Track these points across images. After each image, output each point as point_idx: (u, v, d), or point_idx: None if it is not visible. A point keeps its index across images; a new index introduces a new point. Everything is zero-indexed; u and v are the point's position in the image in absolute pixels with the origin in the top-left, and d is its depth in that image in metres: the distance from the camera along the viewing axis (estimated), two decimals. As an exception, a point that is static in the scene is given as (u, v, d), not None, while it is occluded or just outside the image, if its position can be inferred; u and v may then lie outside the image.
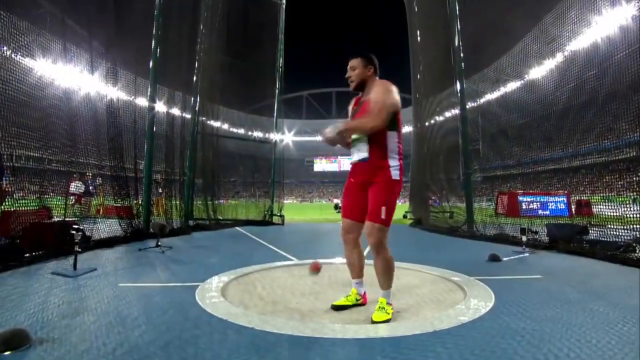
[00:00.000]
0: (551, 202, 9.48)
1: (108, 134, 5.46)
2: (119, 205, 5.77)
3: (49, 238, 4.06)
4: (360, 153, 2.28)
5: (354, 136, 2.30)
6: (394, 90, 2.22)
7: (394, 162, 2.25)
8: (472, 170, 7.40)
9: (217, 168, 10.09)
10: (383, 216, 2.19)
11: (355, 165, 2.35)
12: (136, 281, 3.12)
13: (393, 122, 2.23)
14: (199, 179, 9.19)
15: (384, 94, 2.19)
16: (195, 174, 8.71)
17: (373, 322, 2.16)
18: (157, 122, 6.75)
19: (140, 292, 2.76)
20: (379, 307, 2.26)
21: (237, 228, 8.57)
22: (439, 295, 2.83)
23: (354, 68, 2.33)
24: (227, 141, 11.11)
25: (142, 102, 6.65)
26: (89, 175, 7.83)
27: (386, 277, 2.31)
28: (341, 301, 2.48)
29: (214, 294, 2.72)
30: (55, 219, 4.62)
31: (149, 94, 6.52)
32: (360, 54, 2.35)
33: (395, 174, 2.24)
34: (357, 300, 2.53)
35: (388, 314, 2.22)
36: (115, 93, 5.64)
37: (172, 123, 7.48)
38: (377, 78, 2.37)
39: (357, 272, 2.55)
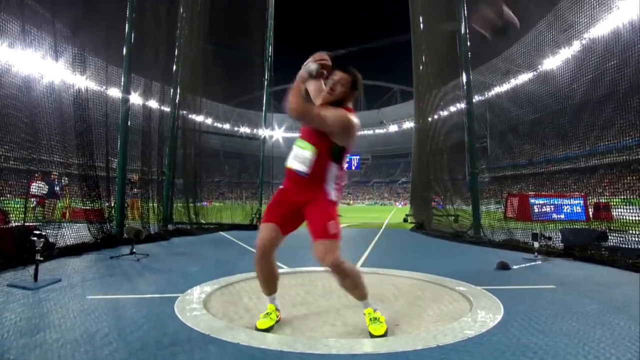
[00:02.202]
0: (566, 205, 9.54)
1: (75, 128, 5.36)
2: (88, 207, 5.69)
3: (5, 246, 3.97)
4: (302, 164, 2.21)
5: (300, 142, 2.27)
6: (355, 126, 2.20)
7: (330, 189, 2.26)
8: (479, 170, 7.44)
9: (200, 167, 10.03)
10: (332, 231, 2.15)
11: (292, 172, 2.26)
12: (107, 293, 3.08)
13: (339, 154, 2.23)
14: (179, 179, 9.15)
15: (341, 118, 2.15)
16: (175, 173, 8.66)
17: (373, 337, 2.18)
18: (131, 116, 6.66)
19: (111, 305, 2.72)
20: (370, 319, 2.26)
21: (222, 233, 8.54)
22: (443, 307, 2.84)
23: (342, 84, 2.23)
24: (210, 137, 11.08)
25: (114, 93, 6.56)
26: (55, 175, 7.72)
27: (358, 289, 2.30)
28: (266, 322, 2.34)
29: (195, 306, 2.71)
30: (13, 224, 4.52)
31: (122, 84, 6.43)
32: (353, 73, 2.28)
33: (332, 194, 2.26)
34: (277, 318, 2.44)
35: (382, 322, 2.25)
36: (83, 82, 5.53)
37: (148, 117, 7.39)
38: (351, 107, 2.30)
39: (276, 285, 2.49)
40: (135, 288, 3.31)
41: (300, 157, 2.23)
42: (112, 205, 6.21)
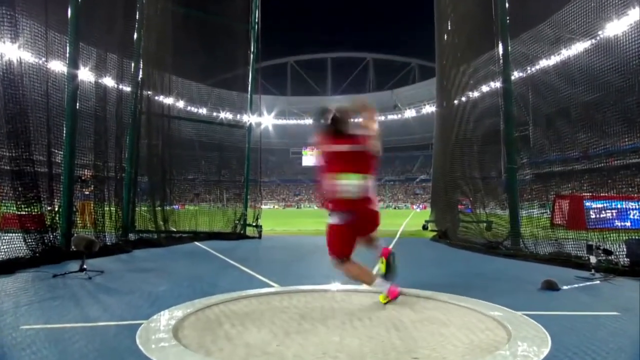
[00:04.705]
0: (633, 209, 9.48)
1: (6, 111, 5.33)
2: (23, 213, 5.63)
3: None
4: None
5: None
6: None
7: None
8: (519, 165, 7.44)
9: (169, 161, 10.10)
10: None
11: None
12: (48, 321, 3.04)
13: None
14: (144, 177, 9.18)
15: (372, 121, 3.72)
16: (138, 169, 8.69)
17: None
18: (81, 97, 6.65)
19: (54, 337, 2.69)
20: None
21: (197, 243, 8.60)
22: (473, 336, 2.82)
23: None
24: (182, 125, 11.06)
25: (57, 66, 6.53)
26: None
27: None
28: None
29: (162, 336, 2.71)
30: None
31: (67, 55, 6.40)
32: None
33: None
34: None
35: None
36: (14, 52, 5.46)
37: (103, 98, 7.39)
38: None
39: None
40: (85, 314, 3.28)
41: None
42: (56, 209, 6.19)
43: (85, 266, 4.79)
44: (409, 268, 6.20)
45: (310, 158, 78.01)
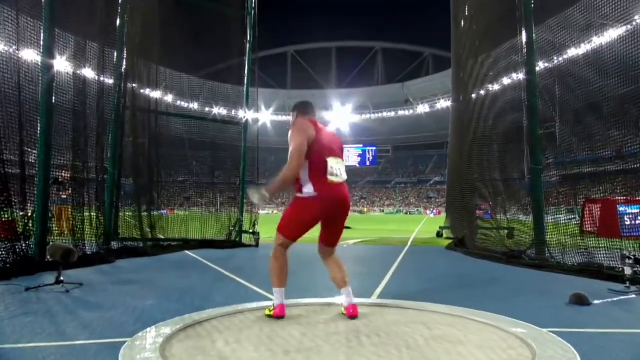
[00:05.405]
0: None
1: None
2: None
3: None
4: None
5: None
6: (297, 128, 3.66)
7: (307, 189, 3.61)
8: (544, 166, 7.42)
9: (157, 162, 10.11)
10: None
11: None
12: (20, 340, 3.03)
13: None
14: (128, 179, 9.18)
15: (291, 140, 3.60)
16: (121, 170, 8.70)
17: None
18: (57, 90, 6.67)
19: (26, 358, 2.69)
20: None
21: (188, 252, 8.61)
22: (494, 355, 2.79)
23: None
24: (172, 121, 11.10)
25: (31, 56, 6.53)
26: None
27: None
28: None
29: (148, 355, 2.69)
30: None
31: (42, 43, 6.41)
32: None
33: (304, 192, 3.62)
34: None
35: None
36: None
37: (83, 91, 7.41)
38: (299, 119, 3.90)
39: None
40: (61, 332, 3.27)
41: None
42: (30, 215, 6.20)
43: (62, 278, 4.78)
44: (422, 279, 6.23)
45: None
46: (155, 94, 10.00)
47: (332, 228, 3.82)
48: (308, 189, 3.59)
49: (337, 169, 3.64)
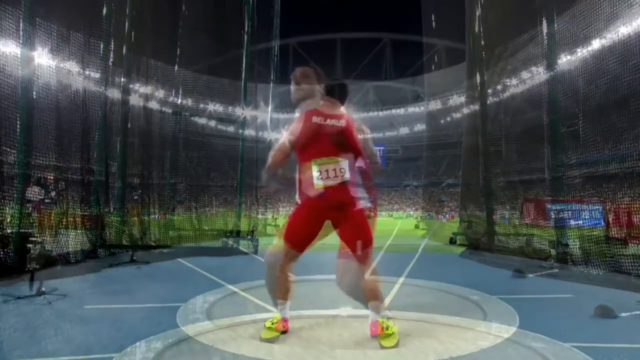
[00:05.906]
0: None
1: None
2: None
3: None
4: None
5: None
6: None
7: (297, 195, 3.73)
8: (566, 167, 7.39)
9: (148, 162, 10.12)
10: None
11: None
12: (-4, 356, 3.03)
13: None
14: (117, 181, 9.13)
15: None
16: (109, 171, 8.69)
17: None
18: (37, 84, 6.68)
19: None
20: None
21: (181, 260, 8.60)
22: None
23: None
24: (163, 118, 11.08)
25: (9, 47, 6.55)
26: None
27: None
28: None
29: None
30: None
31: (21, 33, 6.42)
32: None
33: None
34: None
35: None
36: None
37: (67, 86, 7.41)
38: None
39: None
40: (42, 348, 3.26)
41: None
42: (8, 220, 6.18)
43: (43, 288, 4.79)
44: (433, 289, 6.15)
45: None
46: (146, 89, 10.07)
47: (340, 233, 3.67)
48: (297, 195, 3.71)
49: (324, 172, 3.53)
